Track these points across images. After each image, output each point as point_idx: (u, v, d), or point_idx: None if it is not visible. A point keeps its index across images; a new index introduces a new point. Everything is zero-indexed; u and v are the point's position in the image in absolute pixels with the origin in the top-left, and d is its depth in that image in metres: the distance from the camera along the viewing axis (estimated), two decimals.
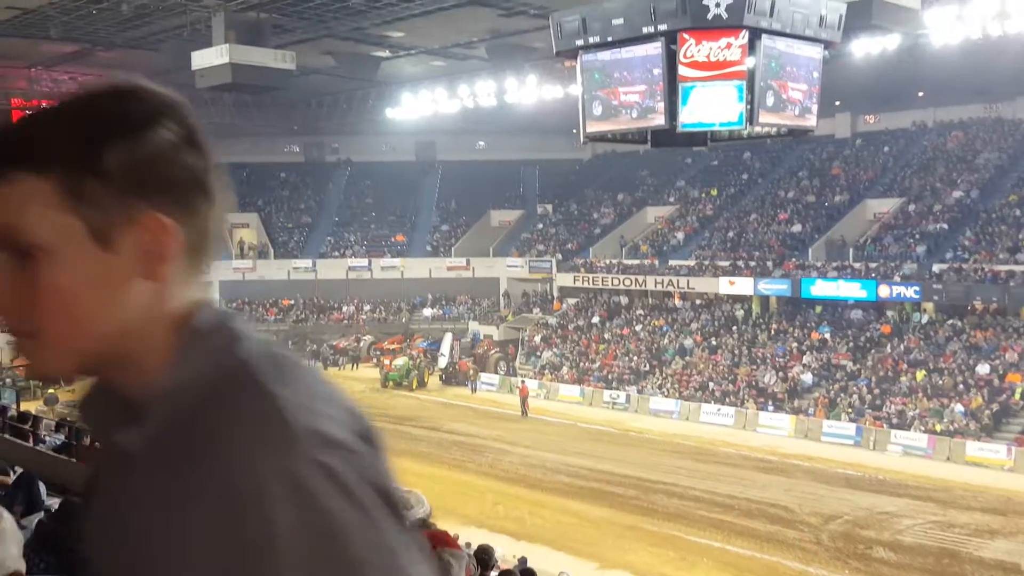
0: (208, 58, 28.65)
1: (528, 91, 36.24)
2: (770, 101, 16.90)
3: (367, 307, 51.65)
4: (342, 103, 46.47)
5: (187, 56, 29.72)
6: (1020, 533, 20.99)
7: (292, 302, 51.89)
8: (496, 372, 41.42)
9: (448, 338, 42.58)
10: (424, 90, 40.22)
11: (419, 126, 47.18)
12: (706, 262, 42.47)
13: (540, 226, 54.20)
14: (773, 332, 38.11)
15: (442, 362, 42.01)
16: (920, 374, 31.86)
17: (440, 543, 2.30)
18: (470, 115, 41.15)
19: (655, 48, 16.23)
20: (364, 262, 52.57)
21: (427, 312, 50.90)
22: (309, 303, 51.97)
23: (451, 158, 58.27)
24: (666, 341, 40.24)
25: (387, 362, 41.32)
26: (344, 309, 51.54)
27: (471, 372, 40.34)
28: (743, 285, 39.64)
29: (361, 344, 46.16)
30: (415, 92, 40.66)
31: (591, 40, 15.68)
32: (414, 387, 39.89)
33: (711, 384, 35.50)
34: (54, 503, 6.05)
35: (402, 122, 44.74)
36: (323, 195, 58.71)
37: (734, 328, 39.55)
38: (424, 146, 58.61)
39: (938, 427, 29.01)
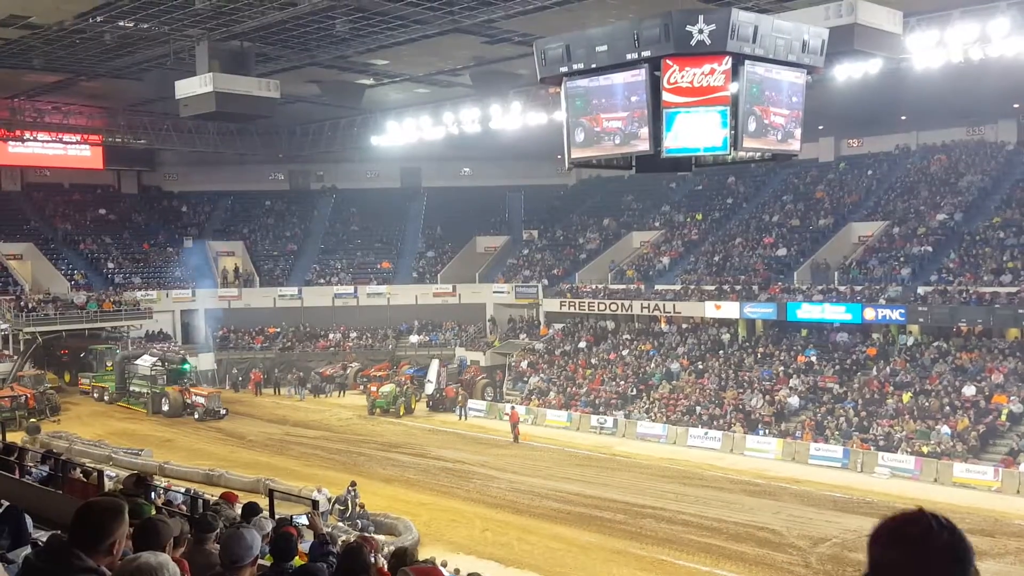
0: (192, 87, 28.69)
1: (512, 117, 36.44)
2: (753, 126, 17.03)
3: (353, 334, 51.45)
4: (327, 131, 46.62)
5: (171, 85, 29.79)
6: (1008, 554, 21.00)
7: (278, 330, 51.64)
8: (483, 398, 41.28)
9: (435, 365, 42.43)
10: (409, 117, 40.41)
11: (404, 153, 47.35)
12: (692, 286, 42.60)
13: (526, 252, 54.30)
14: (759, 356, 38.19)
15: (429, 389, 41.82)
16: (906, 396, 31.96)
17: None
18: (455, 142, 41.33)
19: (639, 74, 16.37)
20: (350, 289, 52.46)
21: (413, 339, 50.75)
22: (295, 331, 51.74)
23: (436, 184, 58.44)
24: (653, 365, 40.24)
25: (374, 389, 41.12)
26: (330, 336, 51.33)
27: (459, 398, 40.17)
28: (729, 309, 39.76)
29: (348, 371, 45.97)
30: (400, 119, 40.83)
31: (575, 67, 15.77)
32: (401, 414, 39.68)
33: (698, 408, 35.48)
34: (41, 536, 5.96)
35: (387, 149, 44.87)
36: (308, 222, 58.67)
37: (720, 352, 39.62)
38: (409, 173, 58.79)
39: (925, 449, 29.06)
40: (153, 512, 6.69)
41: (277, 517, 11.41)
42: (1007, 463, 27.42)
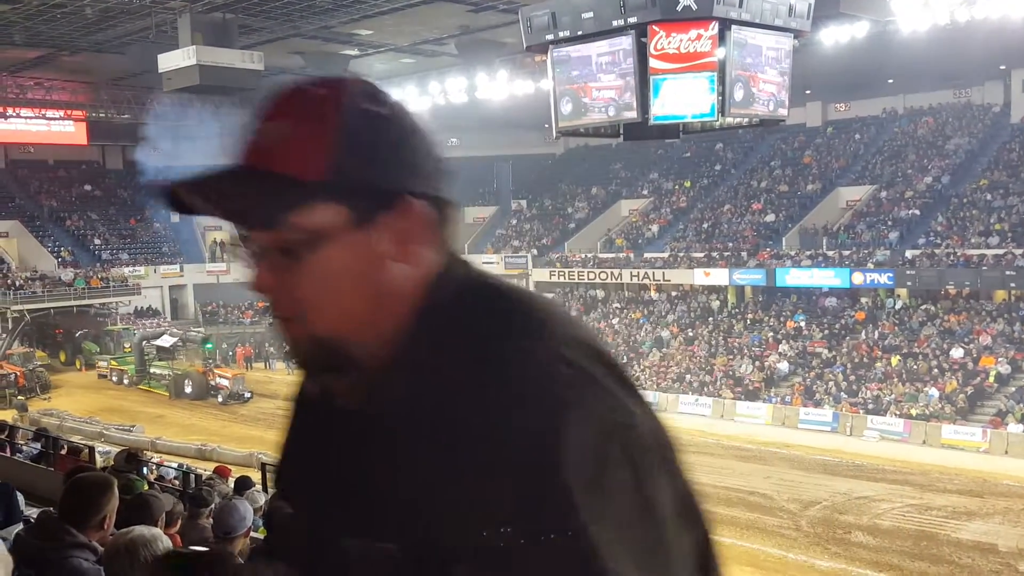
0: (175, 60, 28.34)
1: (499, 87, 36.15)
2: (741, 92, 16.96)
3: None
4: None
5: (153, 59, 29.41)
6: (996, 514, 21.28)
7: (267, 304, 51.40)
8: None
9: None
10: (394, 88, 39.93)
11: None
12: (681, 254, 42.66)
13: (514, 222, 54.19)
14: (749, 322, 38.36)
15: None
16: (895, 359, 32.20)
17: None
18: (441, 112, 40.94)
19: (626, 41, 16.24)
20: None
21: None
22: None
23: None
24: (643, 333, 40.38)
25: None
26: None
27: None
28: (718, 276, 39.85)
29: None
30: (385, 90, 40.42)
31: (561, 34, 15.64)
32: None
33: (688, 375, 35.67)
34: (33, 513, 5.96)
35: None
36: None
37: (710, 319, 39.77)
38: None
39: (914, 411, 29.34)
40: (145, 488, 6.69)
41: (273, 491, 11.45)
42: (995, 424, 27.71)
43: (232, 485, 8.98)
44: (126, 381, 40.41)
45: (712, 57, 15.91)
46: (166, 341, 39.60)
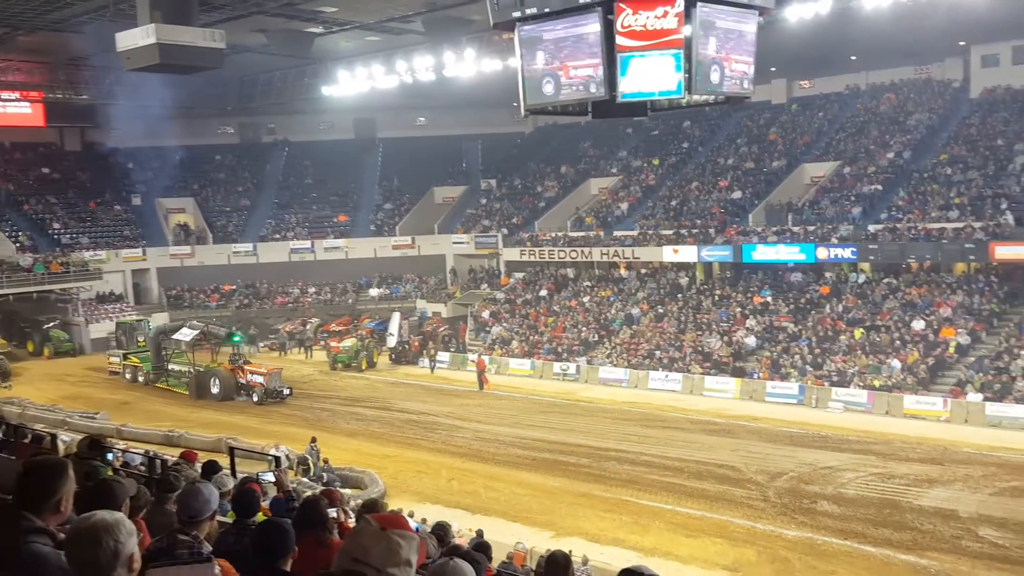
0: (133, 39, 27.72)
1: (467, 65, 35.90)
2: (707, 69, 16.98)
3: (312, 289, 51.08)
4: (276, 82, 45.58)
5: (111, 38, 28.79)
6: (957, 481, 21.77)
7: (233, 287, 51.02)
8: (447, 349, 41.37)
9: (396, 317, 42.32)
10: (360, 66, 39.58)
11: (357, 103, 46.55)
12: (650, 231, 42.86)
13: (484, 201, 54.07)
14: (717, 298, 38.69)
15: (391, 342, 41.77)
16: (858, 332, 32.68)
17: (390, 525, 2.27)
18: (409, 91, 40.69)
19: (593, 18, 16.21)
20: (307, 244, 51.94)
21: (374, 292, 50.52)
22: (251, 288, 51.17)
23: (391, 135, 57.71)
24: (613, 311, 40.59)
25: (334, 344, 40.93)
26: (289, 292, 50.89)
27: (430, 351, 40.07)
28: (687, 253, 40.13)
29: (307, 327, 45.66)
30: (351, 68, 39.99)
31: (528, 11, 15.54)
32: (363, 368, 39.62)
33: (658, 352, 35.96)
34: None
35: (339, 99, 44.04)
36: (261, 177, 57.71)
37: (679, 295, 40.07)
38: (363, 123, 57.90)
39: (877, 383, 29.85)
40: (110, 474, 6.63)
41: (243, 475, 11.40)
42: (955, 394, 28.28)
43: (199, 470, 8.93)
44: (141, 379, 37.56)
45: (678, 34, 15.91)
46: (186, 335, 35.97)
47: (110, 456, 9.70)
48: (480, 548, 8.89)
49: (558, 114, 24.33)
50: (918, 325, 31.92)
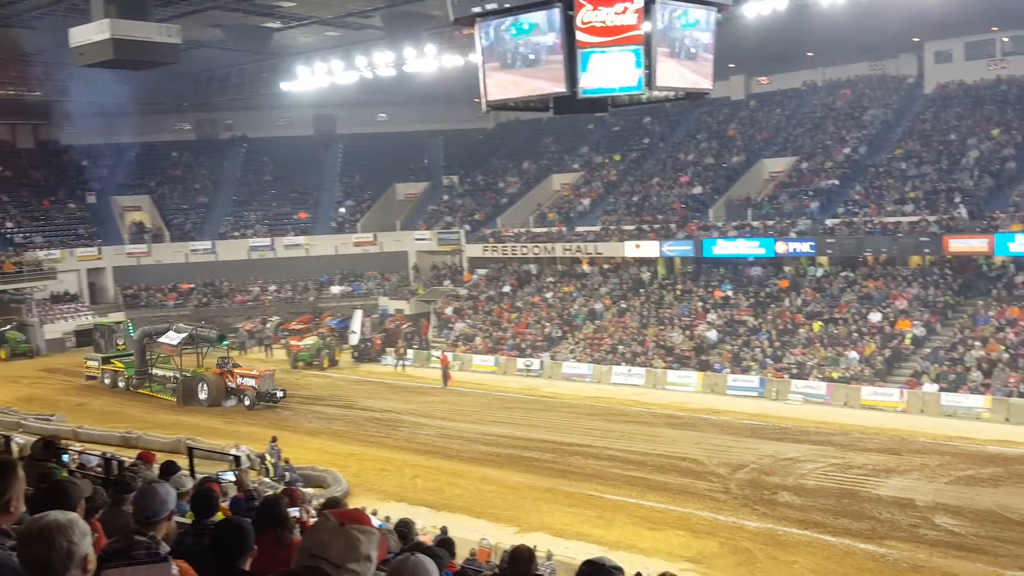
0: (87, 34, 27.17)
1: (427, 60, 35.74)
2: (666, 65, 17.09)
3: (272, 287, 50.55)
4: (233, 77, 45.01)
5: (64, 33, 28.19)
6: (913, 470, 22.17)
7: (192, 286, 50.32)
8: (410, 347, 41.21)
9: (358, 315, 42.04)
10: (319, 62, 39.21)
11: (316, 99, 46.14)
12: (612, 227, 43.05)
13: (446, 198, 53.91)
14: (679, 292, 39.00)
15: (353, 339, 41.49)
16: (817, 325, 33.15)
17: (349, 521, 2.23)
18: (369, 86, 40.42)
19: (553, 14, 16.21)
20: (267, 241, 51.39)
21: (335, 290, 50.14)
22: (210, 286, 50.50)
23: (352, 131, 57.29)
24: (576, 306, 40.73)
25: (295, 343, 40.50)
26: (249, 290, 50.31)
27: (399, 349, 39.75)
28: (648, 248, 40.38)
29: (268, 325, 45.19)
30: (310, 64, 39.60)
31: (488, 6, 15.50)
32: (325, 366, 39.30)
33: (621, 346, 36.14)
34: None
35: (298, 95, 43.61)
36: (219, 174, 56.97)
37: (641, 290, 40.32)
38: (323, 119, 57.42)
39: (835, 375, 30.30)
40: (65, 476, 6.50)
41: (202, 476, 11.24)
42: (911, 384, 28.81)
43: (157, 471, 8.78)
44: (121, 384, 35.60)
45: (638, 31, 15.99)
46: (173, 338, 34.14)
47: (65, 458, 9.50)
48: (443, 544, 8.87)
49: (520, 110, 24.35)
50: (875, 317, 32.46)
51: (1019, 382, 27.01)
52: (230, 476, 13.25)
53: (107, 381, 36.20)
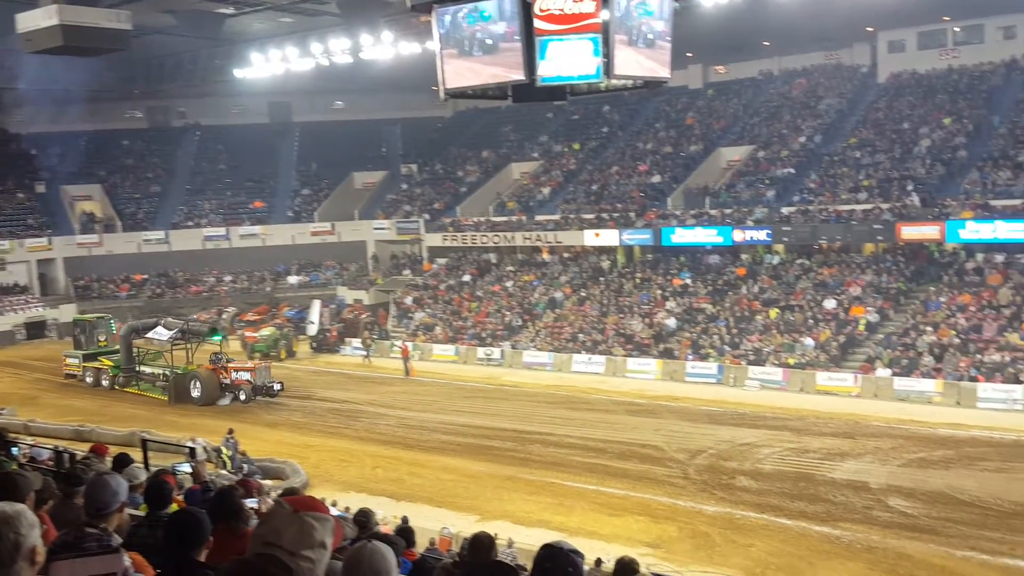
0: (34, 20, 26.44)
1: (384, 48, 35.43)
2: (625, 53, 17.12)
3: (228, 278, 49.86)
4: (186, 64, 44.22)
5: (11, 19, 27.40)
6: (867, 454, 22.59)
7: (145, 277, 49.45)
8: (370, 337, 40.97)
9: (316, 305, 41.64)
10: (274, 48, 38.65)
11: (271, 86, 45.52)
12: (572, 216, 43.12)
13: (405, 187, 53.59)
14: (638, 281, 39.23)
15: (312, 330, 41.10)
16: (773, 312, 33.58)
17: (303, 507, 2.18)
18: (325, 74, 39.99)
19: (510, 1, 16.12)
20: (221, 231, 50.64)
21: (293, 280, 49.62)
22: (164, 277, 49.66)
23: (308, 119, 56.65)
24: (537, 295, 40.78)
25: (251, 334, 39.87)
26: (204, 281, 49.59)
27: (366, 340, 39.34)
28: (608, 237, 40.53)
29: (223, 316, 44.58)
30: (264, 51, 39.02)
31: None
32: (283, 357, 38.86)
33: (581, 335, 36.28)
34: None
35: (253, 83, 42.98)
36: (172, 162, 55.98)
37: (601, 279, 40.48)
38: (278, 107, 56.69)
39: (791, 361, 30.74)
40: (14, 468, 6.33)
41: (156, 468, 11.05)
42: (865, 370, 29.33)
43: (110, 464, 8.60)
44: (105, 383, 33.80)
45: (596, 19, 15.98)
46: (162, 333, 32.63)
47: (15, 451, 9.28)
48: (403, 533, 8.82)
49: (478, 98, 24.24)
50: (829, 304, 32.97)
51: (969, 366, 27.65)
52: (186, 467, 13.04)
53: (89, 379, 34.32)
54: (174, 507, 5.46)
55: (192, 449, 13.72)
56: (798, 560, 16.46)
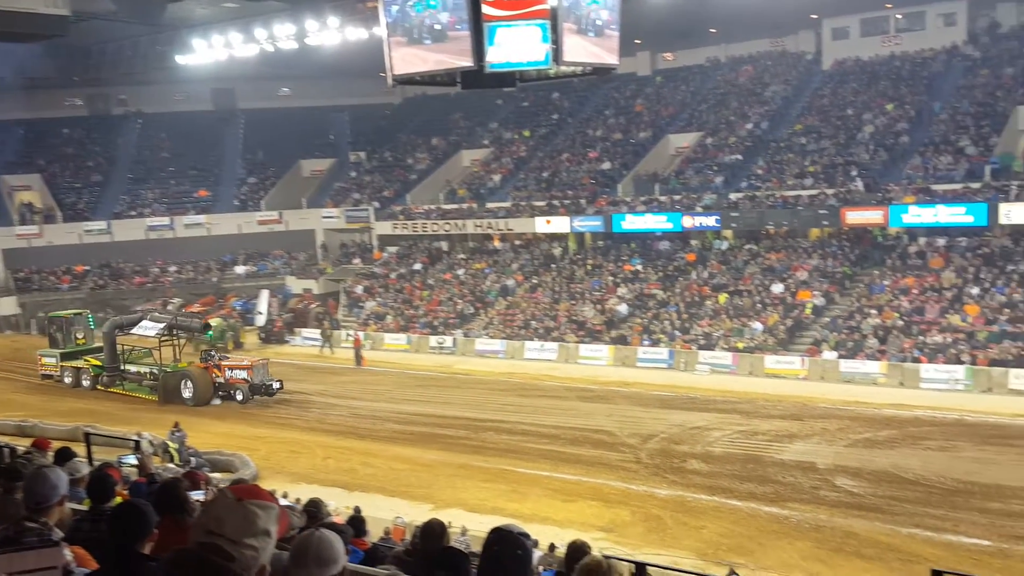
0: None
1: (330, 33, 34.96)
2: (573, 39, 17.10)
3: (173, 268, 48.89)
4: (127, 51, 43.16)
5: None
6: (814, 435, 23.03)
7: (87, 268, 48.24)
8: (320, 327, 40.53)
9: (264, 295, 41.08)
10: (217, 34, 37.88)
11: (215, 73, 44.65)
12: (523, 203, 43.10)
13: (354, 174, 53.03)
14: (589, 267, 39.40)
15: (260, 320, 40.53)
16: (723, 297, 34.00)
17: (246, 495, 2.11)
18: (270, 60, 39.35)
19: None
20: (165, 220, 49.59)
21: (239, 269, 48.84)
22: (106, 268, 48.52)
23: (253, 106, 55.69)
24: (488, 283, 40.72)
25: None
26: (148, 272, 48.55)
27: (325, 331, 38.78)
28: (559, 224, 40.61)
29: (169, 308, 43.66)
30: (207, 36, 38.22)
31: None
32: (230, 348, 38.22)
33: (534, 322, 36.34)
34: None
35: (196, 69, 42.10)
36: (113, 151, 54.61)
37: (553, 266, 40.57)
38: (222, 94, 55.61)
39: (740, 345, 31.18)
40: None
41: (100, 462, 10.78)
42: (812, 352, 29.87)
43: (51, 458, 8.36)
44: (86, 383, 32.02)
45: (544, 5, 15.91)
46: (147, 328, 31.05)
47: None
48: (354, 523, 8.74)
49: (427, 84, 24.07)
50: (777, 288, 33.48)
51: (913, 348, 28.31)
52: (131, 459, 12.76)
53: (68, 380, 32.48)
54: (118, 500, 5.32)
55: (137, 442, 13.42)
56: (748, 540, 16.73)
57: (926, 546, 16.02)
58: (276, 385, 29.21)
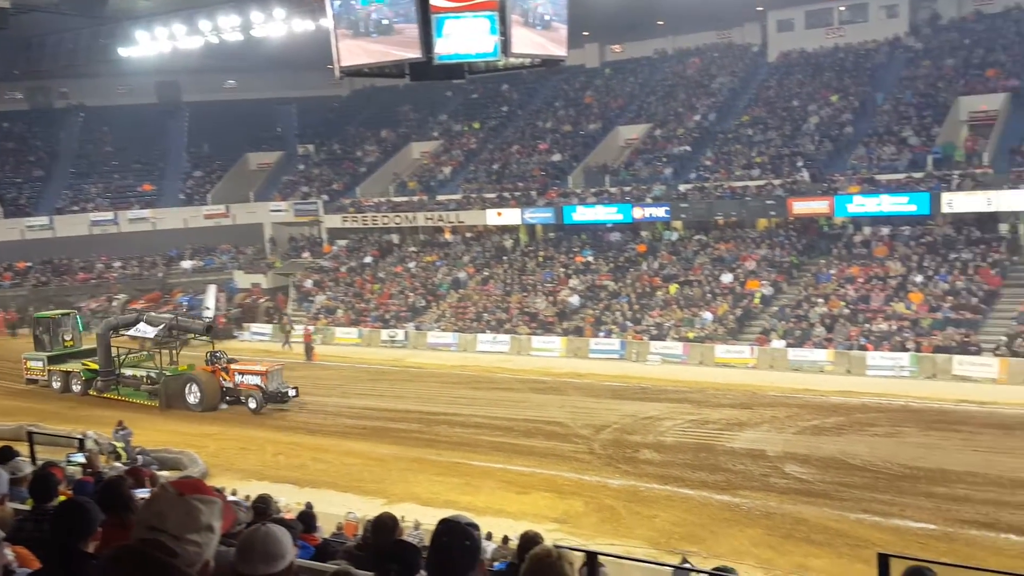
0: None
1: (276, 25, 34.46)
2: (521, 32, 17.11)
3: (117, 264, 47.84)
4: (68, 43, 42.02)
5: None
6: (764, 423, 23.39)
7: (29, 264, 46.98)
8: (270, 321, 40.01)
9: (212, 290, 40.28)
10: (160, 26, 37.08)
11: (158, 65, 43.72)
12: (473, 195, 43.02)
13: (302, 167, 52.40)
14: (541, 259, 39.49)
15: (208, 315, 39.79)
16: (673, 288, 34.35)
17: (188, 490, 2.06)
18: (215, 52, 38.65)
19: None
20: (109, 215, 48.48)
21: (186, 264, 47.98)
22: (48, 264, 47.29)
23: (198, 99, 54.68)
24: (440, 276, 40.59)
25: None
26: (93, 267, 47.43)
27: (285, 326, 38.16)
28: (510, 216, 40.62)
29: (114, 304, 42.74)
30: (150, 28, 37.39)
31: None
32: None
33: (486, 314, 36.33)
34: None
35: (139, 61, 41.18)
36: (55, 145, 53.23)
37: (504, 258, 40.59)
38: (166, 87, 54.53)
39: (691, 335, 31.54)
40: None
41: (44, 461, 10.52)
42: (760, 341, 30.34)
43: None
44: (77, 387, 30.06)
45: None
46: (147, 330, 29.33)
47: None
48: (304, 518, 8.65)
49: (375, 76, 23.87)
50: (726, 278, 33.92)
51: (859, 335, 28.91)
52: (79, 458, 12.47)
53: (56, 384, 30.63)
54: (61, 499, 5.20)
55: (82, 441, 13.14)
56: (700, 528, 16.93)
57: (874, 531, 16.34)
58: (291, 392, 27.18)
